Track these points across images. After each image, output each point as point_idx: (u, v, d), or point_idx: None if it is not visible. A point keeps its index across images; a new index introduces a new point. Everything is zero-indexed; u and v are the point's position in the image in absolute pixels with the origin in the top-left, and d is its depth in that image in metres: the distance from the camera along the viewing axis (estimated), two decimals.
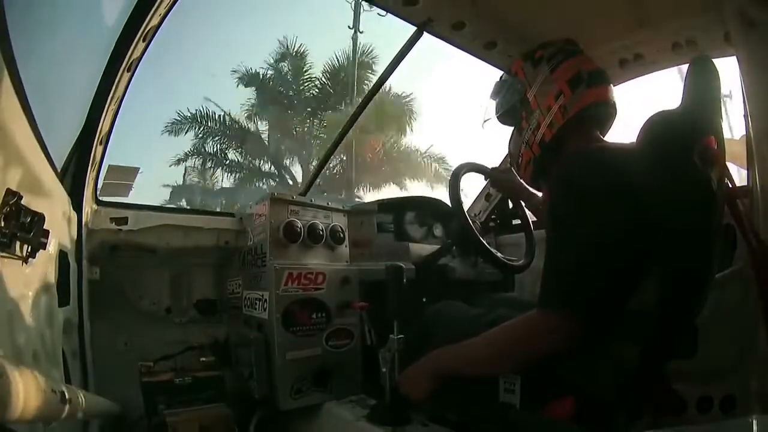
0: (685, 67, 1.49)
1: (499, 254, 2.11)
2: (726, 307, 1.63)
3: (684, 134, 1.30)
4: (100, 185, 2.08)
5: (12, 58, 1.00)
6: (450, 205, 2.13)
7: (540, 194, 2.22)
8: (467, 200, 2.92)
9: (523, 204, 2.33)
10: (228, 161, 17.96)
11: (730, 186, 1.41)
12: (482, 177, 2.38)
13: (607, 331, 1.25)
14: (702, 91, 1.39)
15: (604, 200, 1.22)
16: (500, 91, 1.70)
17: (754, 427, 0.94)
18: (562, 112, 1.47)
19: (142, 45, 1.73)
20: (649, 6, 1.79)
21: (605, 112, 1.54)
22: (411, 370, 1.50)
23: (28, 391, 0.73)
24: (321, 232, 2.03)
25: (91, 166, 1.85)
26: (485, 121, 1.85)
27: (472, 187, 3.11)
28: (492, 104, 1.75)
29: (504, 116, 1.70)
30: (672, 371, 1.39)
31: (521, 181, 2.22)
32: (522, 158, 1.62)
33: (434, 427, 1.48)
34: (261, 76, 18.03)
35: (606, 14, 1.55)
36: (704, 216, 1.27)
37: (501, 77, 1.72)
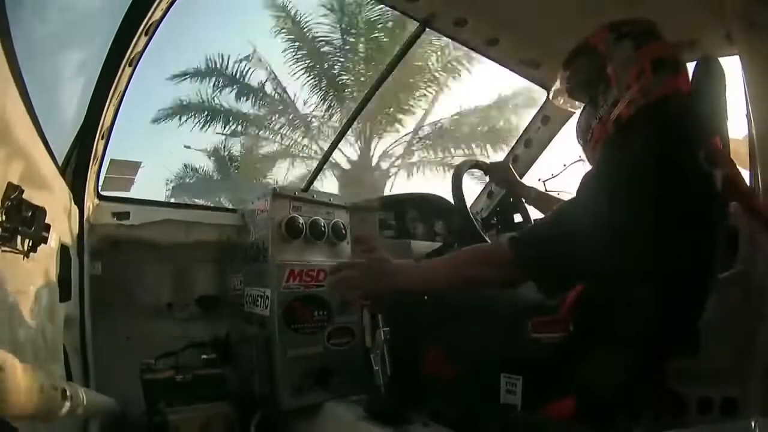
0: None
1: None
2: (727, 308, 1.63)
3: (688, 134, 1.29)
4: (101, 180, 2.08)
5: (13, 52, 1.00)
6: (452, 201, 2.13)
7: (536, 188, 2.21)
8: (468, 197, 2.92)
9: (524, 200, 2.32)
10: None
11: (741, 186, 1.40)
12: (484, 177, 2.38)
13: (607, 331, 1.25)
14: (707, 92, 1.38)
15: (641, 196, 1.21)
16: (576, 60, 1.60)
17: (756, 430, 0.93)
18: (642, 92, 1.36)
19: (144, 39, 1.72)
20: (650, 5, 1.79)
21: (682, 106, 1.38)
22: (379, 265, 1.47)
23: (28, 387, 0.73)
24: (323, 229, 2.02)
25: (93, 161, 1.85)
26: (554, 90, 1.82)
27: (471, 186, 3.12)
28: (564, 74, 1.66)
29: (577, 88, 1.63)
30: (673, 372, 1.39)
31: (517, 176, 2.22)
32: (592, 134, 1.52)
33: (435, 426, 1.48)
34: None
35: (608, 13, 1.54)
36: (707, 216, 1.27)
37: (578, 46, 1.60)
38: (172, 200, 14.08)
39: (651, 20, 1.48)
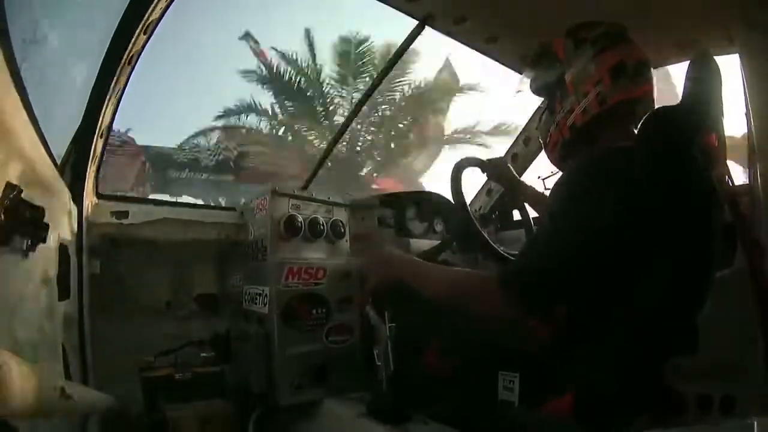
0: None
1: (500, 249, 2.10)
2: (727, 306, 1.63)
3: (684, 131, 1.29)
4: (100, 178, 2.08)
5: (11, 50, 1.00)
6: (451, 200, 2.12)
7: (533, 186, 2.22)
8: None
9: (520, 197, 2.32)
10: None
11: (731, 184, 1.41)
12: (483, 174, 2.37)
13: (605, 330, 1.25)
14: (702, 88, 1.38)
15: (614, 213, 1.21)
16: (538, 64, 1.64)
17: (755, 428, 0.94)
18: (599, 101, 1.40)
19: (143, 38, 1.72)
20: (651, 4, 1.79)
21: (644, 109, 1.43)
22: (382, 257, 1.63)
23: (28, 386, 0.73)
24: (322, 227, 2.02)
25: (92, 160, 1.85)
26: (517, 92, 1.82)
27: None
28: (528, 73, 1.70)
29: (537, 91, 1.66)
30: (672, 370, 1.39)
31: (514, 172, 2.22)
32: (550, 138, 1.57)
33: (434, 424, 1.48)
34: None
35: (607, 12, 1.54)
36: (705, 214, 1.27)
37: (541, 47, 1.64)
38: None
39: (618, 23, 1.50)
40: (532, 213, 2.38)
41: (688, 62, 1.45)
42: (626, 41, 1.47)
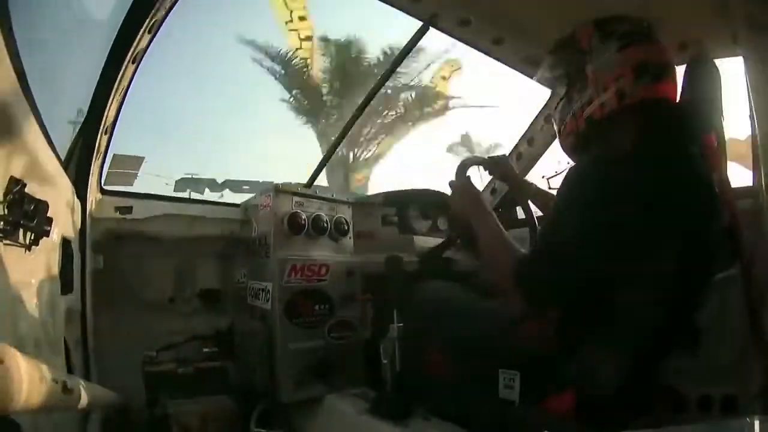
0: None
1: None
2: (728, 306, 1.63)
3: (682, 132, 1.29)
4: (104, 174, 2.09)
5: (15, 47, 1.00)
6: None
7: (535, 183, 2.21)
8: None
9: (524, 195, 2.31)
10: None
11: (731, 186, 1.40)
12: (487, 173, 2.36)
13: (605, 329, 1.25)
14: (701, 90, 1.37)
15: (618, 217, 1.19)
16: (559, 52, 1.60)
17: (756, 428, 0.93)
18: (618, 96, 1.37)
19: (147, 37, 1.72)
20: (654, 5, 1.78)
21: (664, 110, 1.39)
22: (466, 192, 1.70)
23: (29, 380, 0.73)
24: (325, 224, 2.03)
25: (96, 155, 1.86)
26: (537, 78, 1.83)
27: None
28: (547, 62, 1.67)
29: (556, 79, 1.62)
30: (672, 370, 1.39)
31: (515, 170, 2.22)
32: (565, 127, 1.54)
33: (435, 421, 1.48)
34: None
35: (613, 12, 1.53)
36: (705, 215, 1.27)
37: (563, 38, 1.58)
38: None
39: (645, 19, 1.47)
40: (536, 211, 2.38)
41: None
42: (653, 40, 1.44)
